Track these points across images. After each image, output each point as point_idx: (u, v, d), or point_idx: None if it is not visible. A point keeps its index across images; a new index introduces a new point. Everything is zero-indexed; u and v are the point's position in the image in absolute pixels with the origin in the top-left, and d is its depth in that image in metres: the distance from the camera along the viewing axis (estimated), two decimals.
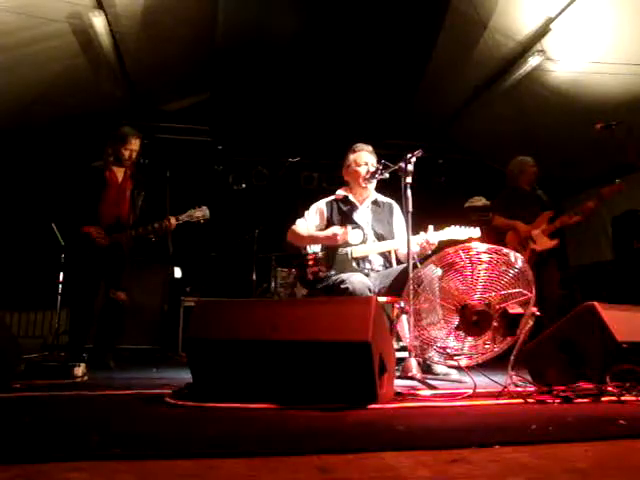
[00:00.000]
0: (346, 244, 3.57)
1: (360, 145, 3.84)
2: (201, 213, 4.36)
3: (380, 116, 7.38)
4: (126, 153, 4.35)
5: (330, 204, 3.81)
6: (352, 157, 3.81)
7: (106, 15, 4.63)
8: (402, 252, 3.65)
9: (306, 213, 3.82)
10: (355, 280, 3.22)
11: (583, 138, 5.52)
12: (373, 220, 3.74)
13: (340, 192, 3.87)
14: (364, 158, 3.76)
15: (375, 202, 3.83)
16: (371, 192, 3.84)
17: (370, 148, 3.83)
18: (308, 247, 3.67)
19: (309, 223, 3.76)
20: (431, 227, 3.46)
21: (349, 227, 3.55)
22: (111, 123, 4.66)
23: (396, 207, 3.85)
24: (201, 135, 7.40)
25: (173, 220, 4.28)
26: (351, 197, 3.81)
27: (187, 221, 4.34)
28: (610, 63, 4.86)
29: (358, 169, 3.75)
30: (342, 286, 3.21)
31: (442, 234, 3.48)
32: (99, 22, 4.63)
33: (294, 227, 3.74)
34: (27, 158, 6.35)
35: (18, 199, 6.30)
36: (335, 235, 3.50)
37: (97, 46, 4.97)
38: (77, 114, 6.09)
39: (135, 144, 4.37)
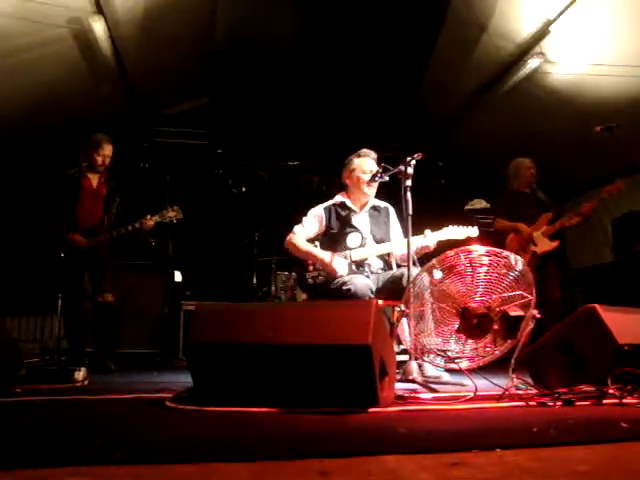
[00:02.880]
0: (345, 248, 3.57)
1: (366, 151, 3.81)
2: (173, 213, 4.41)
3: (380, 119, 7.38)
4: (99, 159, 4.38)
5: (328, 210, 3.79)
6: (357, 162, 3.78)
7: (106, 20, 4.64)
8: (397, 254, 3.65)
9: (304, 219, 3.79)
10: (357, 282, 3.23)
11: (583, 140, 5.51)
12: (372, 225, 3.73)
13: (338, 197, 3.85)
14: (369, 165, 3.74)
15: (373, 207, 3.82)
16: (370, 197, 3.84)
17: (375, 155, 3.79)
18: None
19: (307, 229, 3.74)
20: (428, 231, 3.47)
21: (336, 257, 3.51)
22: (111, 128, 4.67)
23: (392, 210, 3.85)
24: (200, 139, 7.40)
25: (147, 223, 4.29)
26: (349, 202, 3.79)
27: (160, 221, 4.37)
28: (609, 65, 4.87)
29: (362, 176, 3.72)
30: (344, 287, 3.21)
31: (440, 234, 3.48)
32: (99, 27, 4.64)
33: (292, 236, 3.70)
34: (27, 163, 6.35)
35: (18, 205, 6.30)
36: (330, 264, 3.47)
37: (97, 51, 4.98)
38: (77, 119, 6.09)
39: (107, 149, 4.41)
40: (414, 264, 3.17)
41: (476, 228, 3.51)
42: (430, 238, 3.42)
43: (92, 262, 4.31)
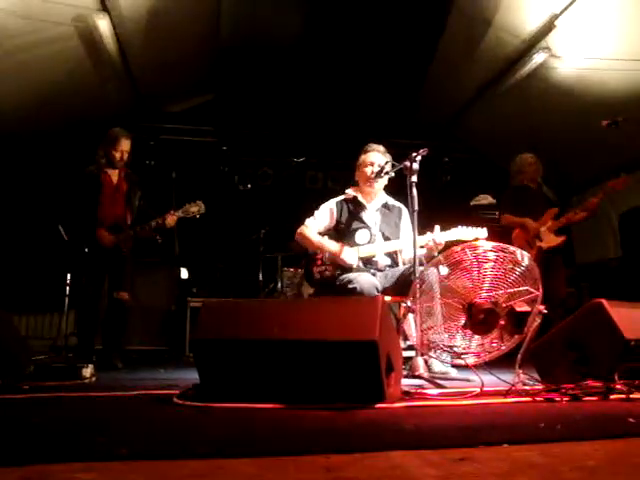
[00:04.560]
0: (353, 244, 3.57)
1: (372, 145, 3.83)
2: (196, 208, 4.40)
3: (385, 115, 7.37)
4: (117, 154, 4.37)
5: (340, 204, 3.81)
6: (362, 157, 3.81)
7: (110, 17, 4.64)
8: (406, 255, 3.64)
9: (316, 212, 3.81)
10: (363, 280, 3.22)
11: (589, 134, 5.49)
12: (381, 222, 3.73)
13: (350, 192, 3.86)
14: (372, 158, 3.75)
15: (385, 205, 3.82)
16: (380, 193, 3.83)
17: (382, 149, 3.80)
18: None
19: (318, 222, 3.76)
20: (437, 227, 3.45)
21: (345, 248, 3.52)
22: (116, 125, 4.67)
23: (405, 211, 3.82)
24: (206, 136, 7.41)
25: (170, 219, 4.30)
26: (360, 197, 3.80)
27: (183, 217, 4.37)
28: (615, 59, 4.84)
29: (365, 169, 3.75)
30: (350, 286, 3.21)
31: (449, 234, 3.47)
32: (104, 24, 4.64)
33: (304, 228, 3.72)
34: (34, 161, 6.38)
35: (26, 203, 6.33)
36: (339, 256, 3.48)
37: (102, 48, 4.98)
38: (82, 116, 6.11)
39: (125, 145, 4.40)
40: (421, 264, 3.16)
41: (485, 229, 3.49)
42: (438, 237, 3.41)
43: (114, 259, 4.31)
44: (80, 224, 4.31)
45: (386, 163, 3.62)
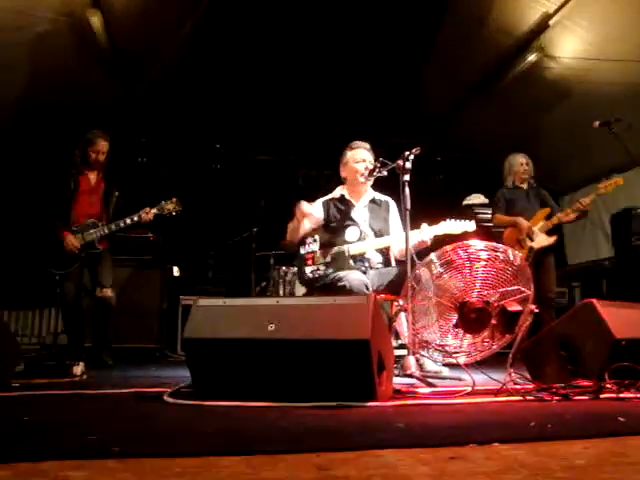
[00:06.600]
0: (343, 242, 3.56)
1: (357, 142, 3.83)
2: (172, 205, 4.40)
3: (379, 114, 7.37)
4: (93, 155, 4.36)
5: (327, 204, 3.79)
6: (350, 154, 3.80)
7: (103, 13, 4.61)
8: (395, 249, 3.63)
9: None
10: (352, 277, 3.21)
11: (581, 135, 5.52)
12: (371, 218, 3.73)
13: (338, 190, 3.86)
14: (362, 155, 3.75)
15: (372, 200, 3.82)
16: (368, 190, 3.83)
17: (367, 145, 3.81)
18: (307, 245, 3.64)
19: (305, 223, 3.75)
20: (425, 225, 3.45)
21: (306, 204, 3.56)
22: (109, 122, 4.65)
23: (392, 204, 3.84)
24: (199, 134, 7.39)
25: (145, 215, 4.28)
26: (348, 195, 3.79)
27: (159, 214, 4.36)
28: (608, 60, 4.87)
29: (356, 166, 3.73)
30: (339, 284, 3.20)
31: (437, 228, 3.47)
32: (96, 20, 4.63)
33: (288, 225, 3.73)
34: (23, 157, 6.33)
35: (15, 199, 6.29)
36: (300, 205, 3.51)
37: (94, 45, 4.96)
38: (74, 114, 6.07)
39: (102, 146, 4.38)
40: (412, 260, 3.17)
41: (473, 222, 3.49)
42: (426, 232, 3.41)
43: (92, 257, 4.30)
44: (54, 224, 4.29)
45: (378, 161, 3.61)
